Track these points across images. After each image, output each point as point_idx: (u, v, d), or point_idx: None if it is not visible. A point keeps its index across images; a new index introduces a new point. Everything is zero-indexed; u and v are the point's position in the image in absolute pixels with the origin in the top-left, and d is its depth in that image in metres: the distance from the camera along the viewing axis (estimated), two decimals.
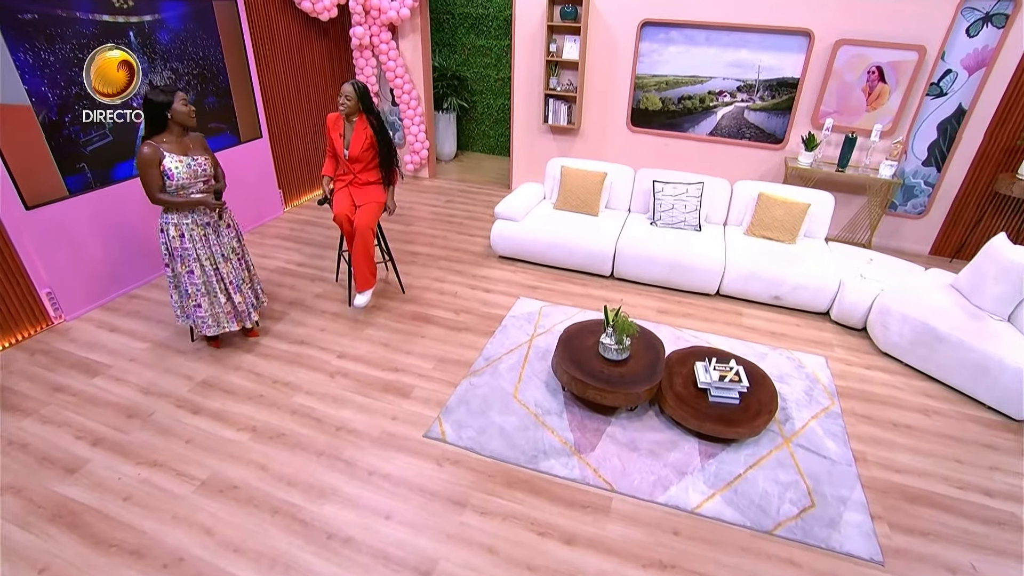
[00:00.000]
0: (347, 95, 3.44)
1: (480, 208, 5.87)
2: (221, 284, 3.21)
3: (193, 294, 3.16)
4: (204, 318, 3.23)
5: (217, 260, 3.15)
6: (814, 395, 3.24)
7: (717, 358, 3.09)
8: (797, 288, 3.95)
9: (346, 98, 3.45)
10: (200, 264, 3.10)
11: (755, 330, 3.88)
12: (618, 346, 3.01)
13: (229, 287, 3.24)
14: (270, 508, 2.47)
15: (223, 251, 3.18)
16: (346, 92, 3.45)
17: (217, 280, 3.19)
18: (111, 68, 3.22)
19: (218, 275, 3.19)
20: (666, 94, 5.31)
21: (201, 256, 3.09)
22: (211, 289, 3.18)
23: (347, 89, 3.45)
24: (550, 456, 2.77)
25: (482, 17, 6.96)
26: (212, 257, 3.13)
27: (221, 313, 3.26)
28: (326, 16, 5.24)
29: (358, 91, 3.46)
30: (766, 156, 5.21)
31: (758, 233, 4.34)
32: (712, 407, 2.88)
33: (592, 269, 4.47)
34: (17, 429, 2.84)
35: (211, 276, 3.15)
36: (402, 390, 3.20)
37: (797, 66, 4.77)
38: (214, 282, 3.17)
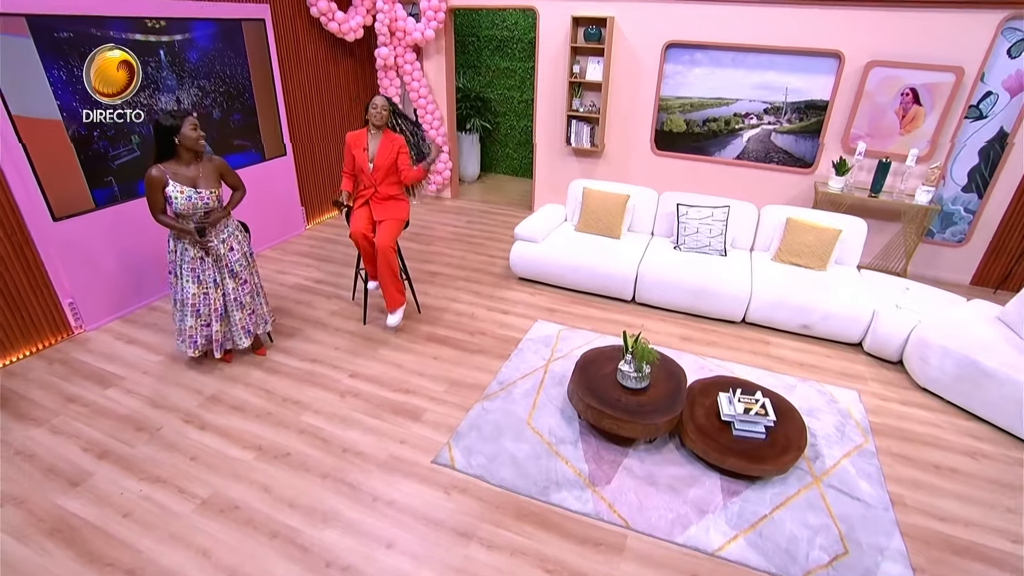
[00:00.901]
0: (382, 106, 3.53)
1: (500, 229, 5.82)
2: (206, 309, 3.16)
3: (186, 308, 3.14)
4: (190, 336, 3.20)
5: (208, 285, 3.11)
6: (846, 431, 3.04)
7: (742, 389, 2.93)
8: (827, 317, 3.76)
9: (381, 108, 3.53)
10: (196, 283, 3.08)
11: (783, 360, 3.69)
12: (637, 374, 2.88)
13: (212, 313, 3.17)
14: (269, 531, 2.38)
15: (217, 275, 3.13)
16: (380, 103, 3.54)
17: (204, 305, 3.14)
18: (111, 68, 3.26)
19: (207, 299, 3.14)
20: (691, 116, 5.23)
21: (198, 276, 3.07)
22: (198, 312, 3.14)
23: (380, 101, 3.54)
24: (563, 488, 2.63)
25: (507, 39, 7.02)
26: (206, 281, 3.10)
27: (199, 337, 3.22)
28: (352, 37, 5.34)
29: (391, 102, 3.59)
30: (795, 180, 5.06)
31: (786, 259, 4.18)
32: (736, 441, 2.72)
33: (613, 293, 4.35)
34: (26, 438, 2.83)
35: (201, 298, 3.12)
36: (412, 413, 3.11)
37: (826, 88, 4.64)
38: (200, 306, 3.13)
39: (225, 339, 3.31)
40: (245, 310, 3.29)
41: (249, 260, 3.28)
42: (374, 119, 3.52)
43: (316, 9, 4.97)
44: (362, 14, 5.31)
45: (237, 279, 3.20)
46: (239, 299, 3.24)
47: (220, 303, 3.18)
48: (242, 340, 3.34)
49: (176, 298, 3.16)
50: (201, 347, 3.27)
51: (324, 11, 5.01)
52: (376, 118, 3.52)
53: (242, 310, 3.27)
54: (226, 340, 3.33)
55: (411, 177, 3.64)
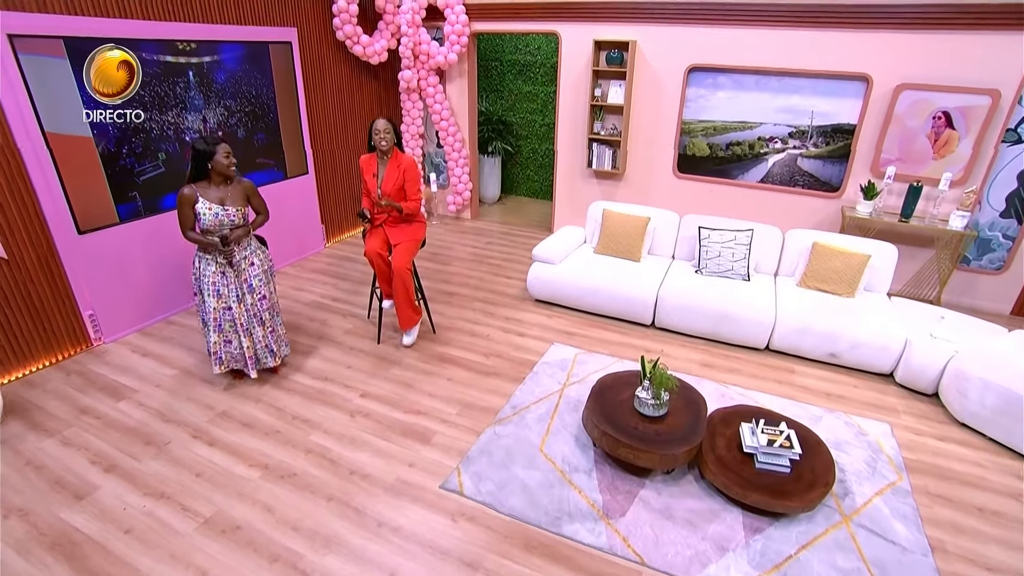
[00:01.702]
0: (385, 130, 3.45)
1: (519, 251, 5.78)
2: (231, 324, 3.17)
3: (208, 324, 3.16)
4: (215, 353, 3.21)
5: (230, 299, 3.13)
6: (877, 467, 2.87)
7: (765, 419, 2.79)
8: (856, 345, 3.60)
9: (385, 132, 3.46)
10: (216, 297, 3.09)
11: (809, 390, 3.53)
12: (655, 401, 2.76)
13: (239, 328, 3.18)
14: (270, 554, 2.31)
15: (239, 290, 3.15)
16: (382, 127, 3.45)
17: (227, 321, 3.15)
18: (111, 68, 3.33)
19: (230, 314, 3.14)
20: (714, 140, 5.16)
21: (218, 290, 3.09)
22: (220, 327, 3.15)
23: (382, 124, 3.45)
24: (575, 519, 2.51)
25: (530, 64, 7.09)
26: (226, 295, 3.12)
27: (223, 353, 3.22)
28: (376, 60, 5.44)
29: (394, 124, 3.51)
30: (821, 205, 4.93)
31: (812, 285, 4.04)
32: (759, 475, 2.57)
33: (632, 317, 4.25)
34: (37, 449, 2.84)
35: (222, 313, 3.12)
36: (423, 435, 3.04)
37: (854, 112, 4.54)
38: (222, 321, 3.14)
39: (250, 358, 3.29)
40: (266, 327, 3.28)
41: (269, 277, 3.29)
42: (379, 145, 3.48)
43: (342, 33, 5.09)
44: (387, 38, 5.42)
45: (255, 294, 3.21)
46: (259, 315, 3.24)
47: (244, 318, 3.19)
48: (267, 359, 3.34)
49: (203, 317, 3.19)
50: (227, 363, 3.26)
51: (349, 35, 5.12)
52: (381, 143, 3.47)
53: (263, 327, 3.27)
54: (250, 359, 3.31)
55: (412, 208, 3.59)
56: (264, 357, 3.33)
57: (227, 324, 3.16)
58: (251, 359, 3.27)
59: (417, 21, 5.39)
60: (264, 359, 3.34)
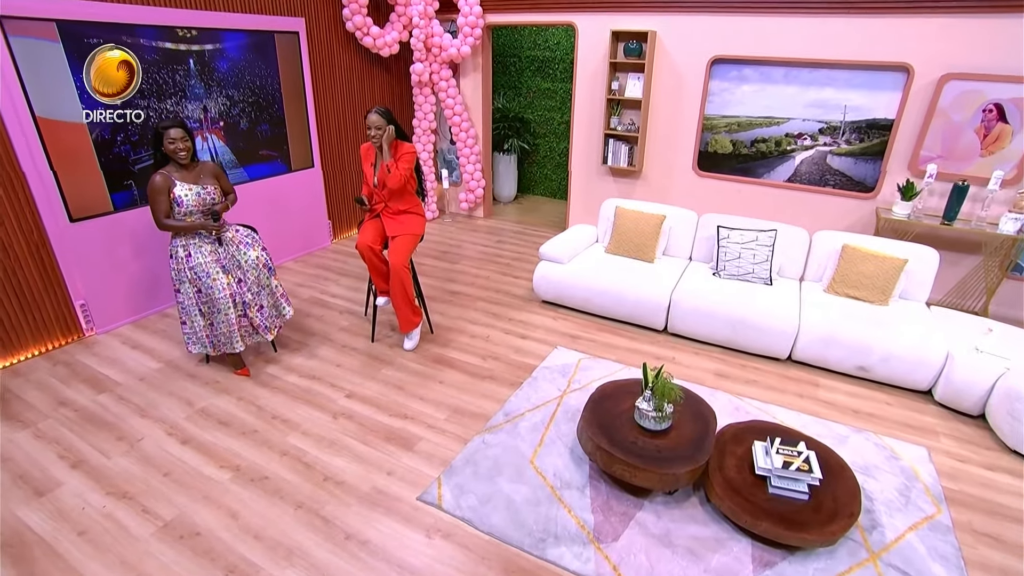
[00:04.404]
0: (376, 125, 3.22)
1: (530, 250, 5.56)
2: (231, 300, 3.09)
3: (205, 312, 3.10)
4: (211, 336, 3.18)
5: (227, 273, 3.09)
6: (912, 497, 2.53)
7: (782, 438, 2.49)
8: (889, 358, 3.25)
9: (376, 128, 3.23)
10: (210, 279, 3.00)
11: (834, 406, 3.20)
12: (656, 413, 2.50)
13: (244, 305, 3.16)
14: (226, 565, 2.14)
15: (233, 264, 3.12)
16: (374, 123, 3.22)
17: (228, 296, 3.06)
18: (111, 68, 3.26)
19: (230, 289, 3.09)
20: (737, 136, 4.85)
21: (211, 271, 3.00)
22: (217, 308, 3.06)
23: (374, 119, 3.21)
24: (561, 542, 2.27)
25: (548, 60, 6.88)
26: (234, 269, 3.09)
27: (233, 331, 3.12)
28: (387, 52, 5.30)
29: (384, 115, 3.25)
30: (853, 206, 4.56)
31: (841, 291, 3.70)
32: (772, 501, 2.28)
33: (643, 321, 3.98)
34: (7, 441, 2.74)
35: (222, 292, 3.03)
36: (406, 441, 2.83)
37: (891, 105, 4.17)
38: (226, 297, 3.04)
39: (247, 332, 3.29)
40: (264, 294, 3.28)
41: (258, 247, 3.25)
42: (374, 141, 3.27)
43: (352, 24, 4.97)
44: (398, 29, 5.28)
45: (251, 267, 3.19)
46: (255, 288, 3.22)
47: (256, 287, 3.20)
48: (274, 322, 3.38)
49: (189, 306, 3.09)
50: (244, 338, 3.22)
51: (359, 26, 5.00)
52: (374, 139, 3.26)
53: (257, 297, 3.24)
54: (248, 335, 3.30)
55: (394, 182, 3.28)
56: (272, 322, 3.34)
57: (239, 298, 3.12)
58: (262, 325, 3.26)
59: (430, 13, 5.23)
60: (264, 334, 3.32)
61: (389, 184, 3.31)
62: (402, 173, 3.31)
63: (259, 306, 3.24)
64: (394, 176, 3.29)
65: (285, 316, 3.45)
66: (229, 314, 3.06)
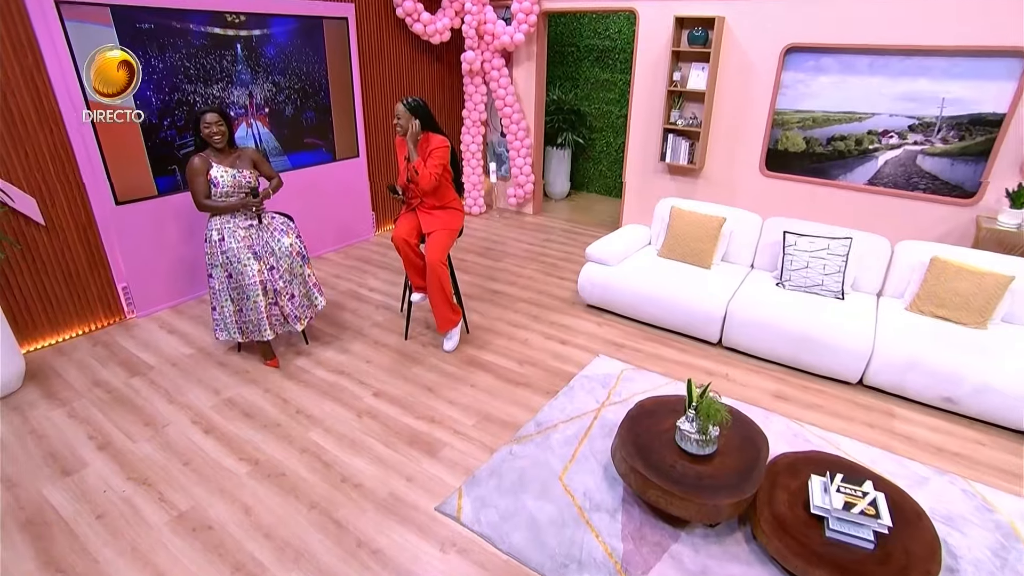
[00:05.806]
0: (398, 114, 3.12)
1: (579, 250, 5.31)
2: (261, 287, 3.04)
3: (235, 299, 3.08)
4: (240, 323, 3.15)
5: (259, 260, 3.06)
6: (1010, 560, 2.14)
7: (845, 474, 2.16)
8: (983, 391, 2.81)
9: (397, 118, 3.12)
10: (240, 265, 2.98)
11: (913, 441, 2.80)
12: (700, 436, 2.23)
13: (275, 293, 3.12)
14: (234, 562, 2.05)
15: (266, 250, 3.09)
16: (397, 112, 3.12)
17: (258, 282, 3.02)
18: (111, 68, 3.26)
19: (262, 275, 3.05)
20: (812, 133, 4.41)
21: (242, 257, 2.98)
22: (246, 294, 3.02)
23: (398, 109, 3.11)
24: (585, 569, 2.05)
25: (608, 50, 6.57)
26: (253, 257, 3.03)
27: (262, 319, 3.08)
28: (438, 39, 5.18)
29: (410, 107, 3.10)
30: (947, 213, 4.04)
31: (927, 310, 3.25)
32: (829, 546, 1.97)
33: (695, 332, 3.66)
34: (44, 418, 2.80)
35: (252, 278, 2.99)
36: (430, 446, 2.69)
37: (1002, 98, 3.64)
38: (255, 283, 3.00)
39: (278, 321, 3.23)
40: (296, 282, 3.23)
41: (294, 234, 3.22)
42: (399, 132, 3.15)
43: (402, 10, 4.88)
44: (450, 16, 5.15)
45: (285, 254, 3.15)
46: (289, 276, 3.18)
47: (289, 275, 3.17)
48: (305, 313, 3.33)
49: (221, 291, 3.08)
50: (274, 326, 3.16)
51: (410, 12, 4.90)
52: (398, 128, 3.14)
53: (289, 285, 3.20)
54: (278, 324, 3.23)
55: (424, 180, 3.12)
56: (303, 312, 3.30)
57: (270, 285, 3.09)
58: (292, 315, 3.21)
59: None
60: (294, 324, 3.26)
61: (420, 184, 3.16)
62: (432, 172, 3.13)
63: (290, 295, 3.18)
64: (423, 177, 3.13)
65: (317, 306, 3.38)
66: (258, 301, 3.02)
